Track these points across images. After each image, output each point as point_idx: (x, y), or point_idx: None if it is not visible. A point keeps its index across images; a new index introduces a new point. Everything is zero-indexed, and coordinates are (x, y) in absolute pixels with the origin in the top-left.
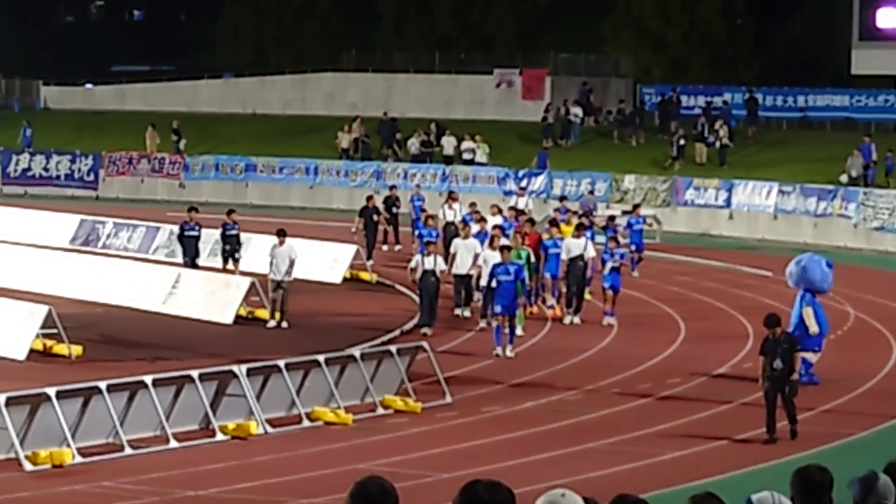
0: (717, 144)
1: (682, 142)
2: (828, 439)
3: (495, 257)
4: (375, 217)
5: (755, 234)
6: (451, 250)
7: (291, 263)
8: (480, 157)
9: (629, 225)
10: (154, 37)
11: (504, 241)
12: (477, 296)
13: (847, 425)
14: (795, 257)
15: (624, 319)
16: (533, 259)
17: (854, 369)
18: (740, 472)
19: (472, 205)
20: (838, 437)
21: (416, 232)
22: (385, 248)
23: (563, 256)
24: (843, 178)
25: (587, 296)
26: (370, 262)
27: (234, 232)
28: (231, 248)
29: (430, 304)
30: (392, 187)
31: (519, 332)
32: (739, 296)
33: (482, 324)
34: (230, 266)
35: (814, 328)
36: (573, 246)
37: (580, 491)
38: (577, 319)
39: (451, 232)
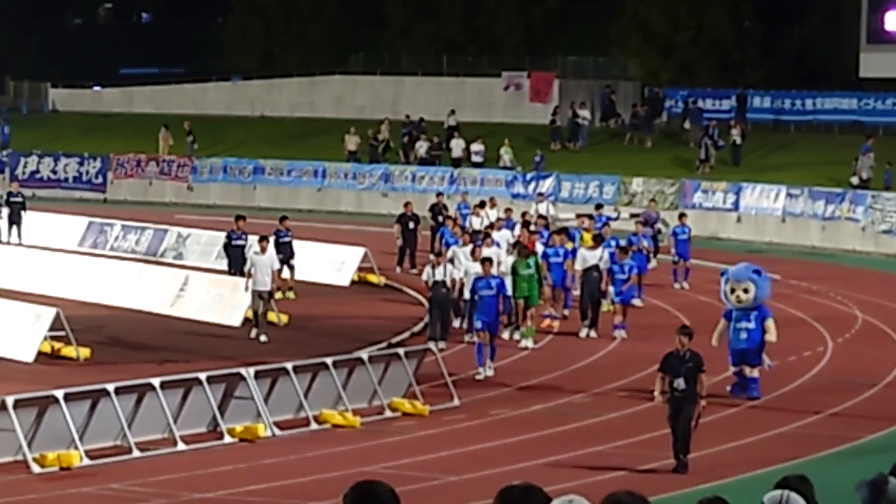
0: (729, 144)
1: (717, 143)
2: (836, 443)
3: (477, 269)
4: (412, 224)
5: (763, 237)
6: (448, 255)
7: (272, 272)
8: (506, 160)
9: (674, 234)
10: (162, 39)
11: (486, 253)
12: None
13: (855, 429)
14: (743, 276)
15: (633, 325)
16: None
17: (862, 372)
18: (750, 474)
19: (508, 210)
20: (847, 441)
21: (443, 240)
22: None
23: (578, 267)
24: (854, 181)
25: (605, 307)
26: (413, 270)
27: (287, 239)
28: (285, 255)
29: (442, 317)
30: (439, 194)
31: (530, 344)
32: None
33: (467, 338)
34: (285, 274)
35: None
36: (588, 257)
37: (588, 495)
38: (593, 333)
39: (476, 241)
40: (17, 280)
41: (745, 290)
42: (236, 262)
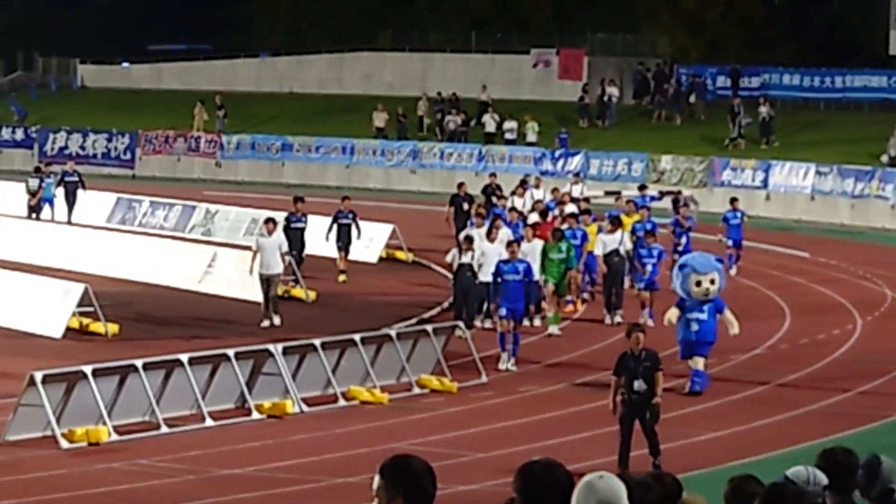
0: (759, 120)
1: (745, 121)
2: (865, 421)
3: (496, 251)
4: (466, 206)
5: (792, 215)
6: (464, 234)
7: (281, 256)
8: (531, 136)
9: (725, 219)
10: (191, 16)
11: (498, 236)
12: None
13: (885, 407)
14: (706, 269)
15: (660, 302)
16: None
17: (891, 350)
18: (779, 451)
19: (555, 190)
20: (876, 419)
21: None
22: None
23: (598, 252)
24: (884, 158)
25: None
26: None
27: (347, 220)
28: (345, 237)
29: (466, 302)
30: (492, 174)
31: (555, 331)
32: (775, 277)
33: (480, 322)
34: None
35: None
36: (608, 241)
37: (617, 472)
38: (618, 318)
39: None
40: (45, 256)
41: (713, 282)
42: (295, 244)
